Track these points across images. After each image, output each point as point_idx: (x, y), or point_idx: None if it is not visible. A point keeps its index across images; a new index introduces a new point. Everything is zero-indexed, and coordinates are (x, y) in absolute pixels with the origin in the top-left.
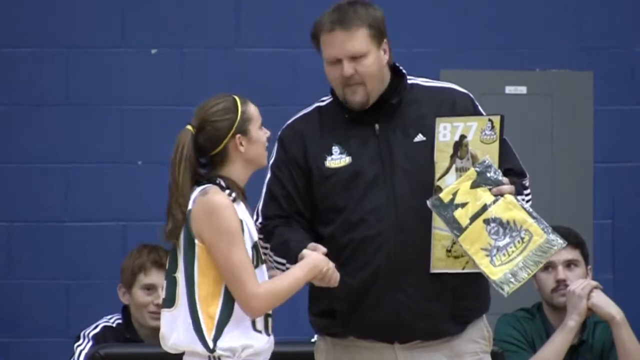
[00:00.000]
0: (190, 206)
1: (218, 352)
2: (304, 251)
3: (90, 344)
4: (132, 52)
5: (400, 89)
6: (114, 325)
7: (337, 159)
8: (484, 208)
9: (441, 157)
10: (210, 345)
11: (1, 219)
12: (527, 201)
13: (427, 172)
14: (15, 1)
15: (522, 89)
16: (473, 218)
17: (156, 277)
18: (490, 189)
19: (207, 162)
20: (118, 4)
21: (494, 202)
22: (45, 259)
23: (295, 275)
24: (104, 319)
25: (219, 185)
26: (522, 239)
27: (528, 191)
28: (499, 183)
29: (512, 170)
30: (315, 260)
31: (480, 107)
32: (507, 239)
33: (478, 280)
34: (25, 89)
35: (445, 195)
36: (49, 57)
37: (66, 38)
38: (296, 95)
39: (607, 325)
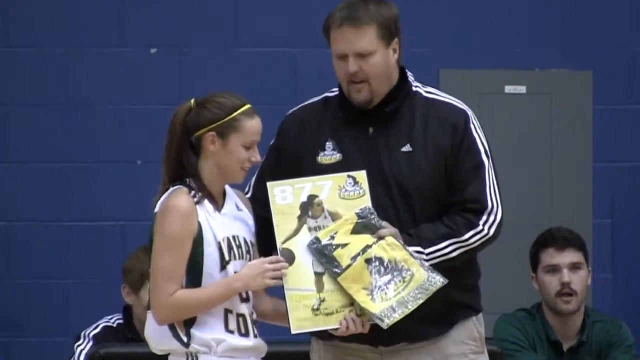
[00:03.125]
0: (156, 209)
1: (194, 346)
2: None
3: (90, 344)
4: (131, 52)
5: (402, 95)
6: (115, 325)
7: (329, 155)
8: (366, 249)
9: (283, 220)
10: (185, 339)
11: (0, 219)
12: (472, 242)
13: (409, 183)
14: (14, 1)
15: (522, 89)
16: (354, 258)
17: None
18: (370, 234)
19: (193, 146)
20: (117, 3)
21: (375, 243)
22: (45, 259)
23: (212, 293)
24: (105, 319)
25: (188, 185)
26: (404, 278)
27: (474, 231)
28: (380, 228)
29: (463, 201)
30: (241, 275)
31: (475, 125)
32: (389, 278)
33: (463, 286)
34: (25, 88)
35: (323, 235)
36: (48, 57)
37: (65, 38)
38: (296, 95)
39: (605, 325)
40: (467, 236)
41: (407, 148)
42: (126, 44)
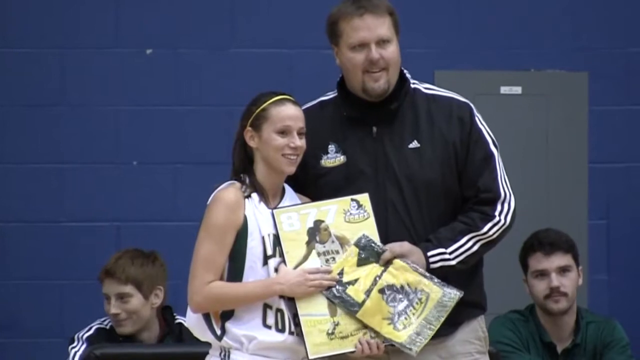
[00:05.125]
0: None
1: (226, 341)
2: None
3: (84, 345)
4: (127, 53)
5: (402, 93)
6: (107, 327)
7: (332, 158)
8: (376, 280)
9: (292, 246)
10: (218, 332)
11: None
12: (491, 234)
13: (419, 179)
14: (10, 2)
15: (517, 89)
16: (368, 292)
17: (107, 287)
18: (375, 261)
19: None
20: (113, 4)
21: (384, 271)
22: (40, 259)
23: (249, 290)
24: (98, 321)
25: (242, 181)
26: (420, 299)
27: (491, 223)
28: (381, 254)
29: (477, 192)
30: (283, 280)
31: (479, 117)
32: (405, 302)
33: (470, 285)
34: (21, 89)
35: None
36: (44, 58)
37: (61, 38)
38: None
39: (599, 325)
40: (485, 229)
41: (414, 144)
42: (121, 44)
